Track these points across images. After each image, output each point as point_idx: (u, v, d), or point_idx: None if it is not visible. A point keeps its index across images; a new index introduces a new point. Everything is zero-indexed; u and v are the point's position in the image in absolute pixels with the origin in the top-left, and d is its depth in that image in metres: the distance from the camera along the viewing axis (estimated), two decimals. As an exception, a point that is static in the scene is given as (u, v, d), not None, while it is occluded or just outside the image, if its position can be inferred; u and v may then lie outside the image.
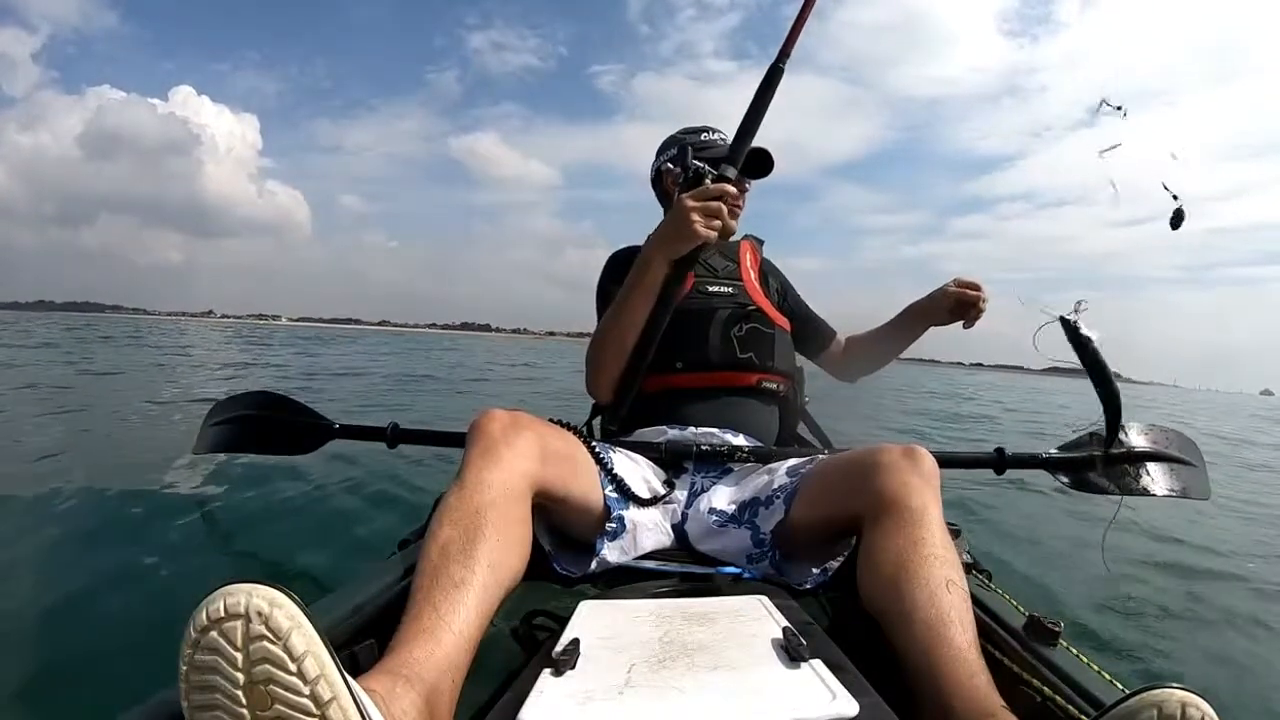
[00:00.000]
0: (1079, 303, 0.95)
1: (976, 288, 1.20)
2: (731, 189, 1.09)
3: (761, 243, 1.39)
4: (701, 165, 1.10)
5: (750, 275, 1.28)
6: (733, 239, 1.35)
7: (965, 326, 1.22)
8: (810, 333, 1.40)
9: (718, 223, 1.06)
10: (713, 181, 1.08)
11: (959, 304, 1.21)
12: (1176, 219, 1.17)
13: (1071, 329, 0.92)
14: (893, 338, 1.35)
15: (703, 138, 1.30)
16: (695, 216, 1.05)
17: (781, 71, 1.14)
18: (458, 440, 1.16)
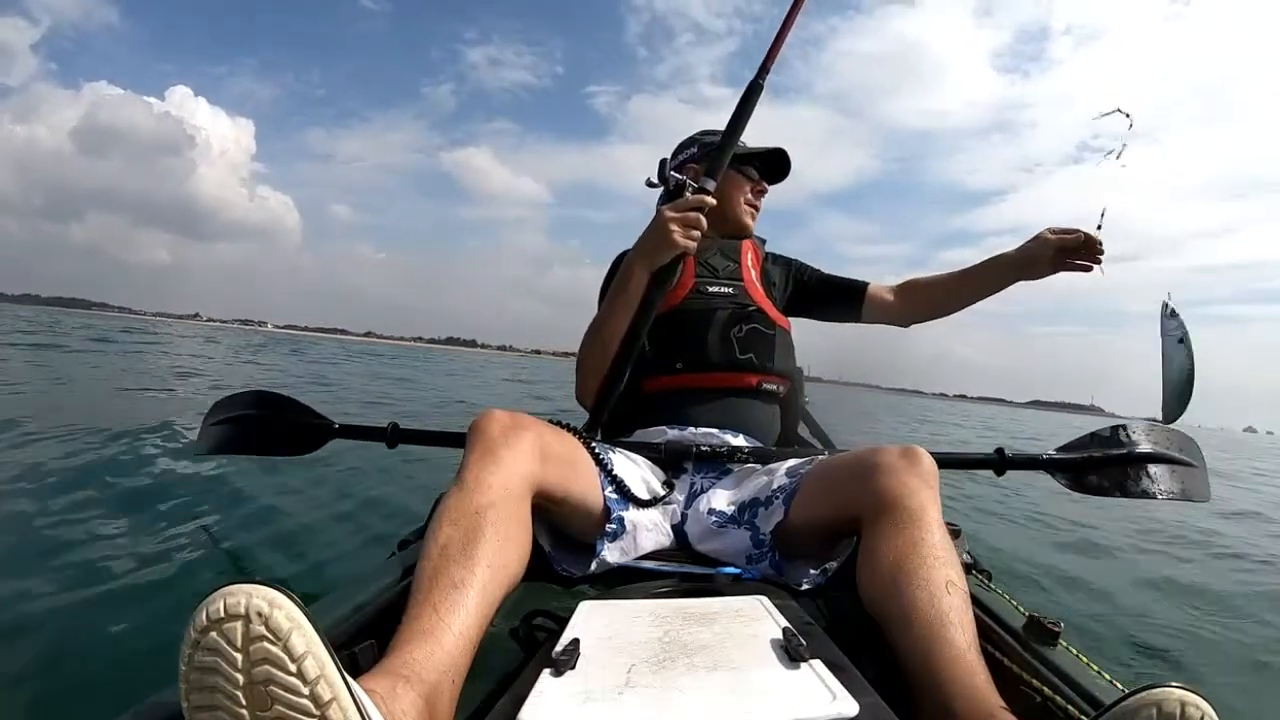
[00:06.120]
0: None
1: (1076, 233, 1.13)
2: (711, 200, 1.12)
3: (764, 241, 1.38)
4: (681, 178, 1.13)
5: (751, 275, 1.28)
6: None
7: (1088, 269, 1.14)
8: (841, 297, 1.37)
9: (696, 233, 1.10)
10: (692, 194, 1.12)
11: (1061, 252, 1.14)
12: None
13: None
14: (970, 287, 1.28)
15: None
16: (674, 227, 1.09)
17: (761, 87, 1.18)
18: (457, 441, 1.16)
